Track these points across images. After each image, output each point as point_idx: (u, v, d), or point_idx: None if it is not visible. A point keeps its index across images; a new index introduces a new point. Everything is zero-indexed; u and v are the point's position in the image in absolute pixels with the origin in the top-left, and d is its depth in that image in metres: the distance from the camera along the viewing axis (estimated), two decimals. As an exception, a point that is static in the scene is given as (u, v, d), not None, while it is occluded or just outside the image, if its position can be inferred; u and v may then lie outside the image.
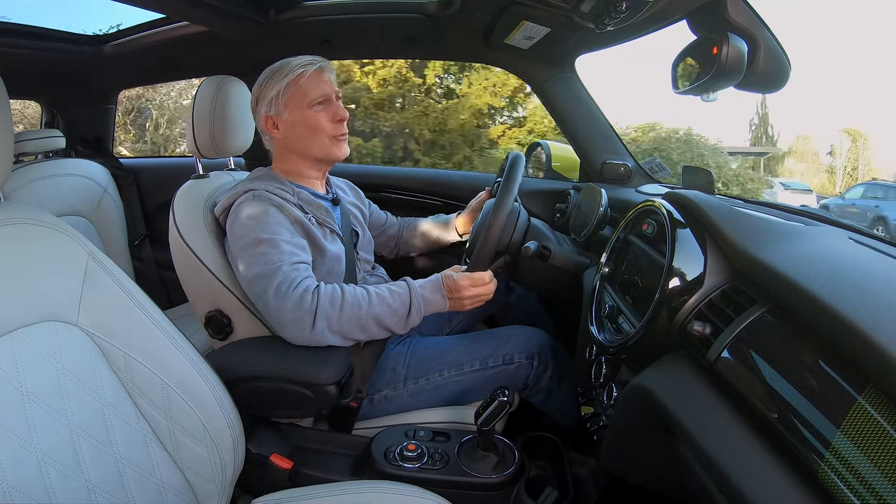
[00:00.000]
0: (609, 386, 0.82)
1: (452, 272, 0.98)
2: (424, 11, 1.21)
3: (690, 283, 0.67)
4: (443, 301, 0.94)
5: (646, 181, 1.44)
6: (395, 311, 0.90)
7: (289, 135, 1.02)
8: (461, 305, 0.95)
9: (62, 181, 1.55)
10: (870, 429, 0.40)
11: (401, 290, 0.92)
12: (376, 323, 0.89)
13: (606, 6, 0.87)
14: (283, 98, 0.99)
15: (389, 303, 0.90)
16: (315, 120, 1.00)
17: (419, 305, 0.91)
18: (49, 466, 0.56)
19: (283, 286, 0.85)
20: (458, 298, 0.94)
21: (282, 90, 0.99)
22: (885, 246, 0.64)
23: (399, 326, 0.91)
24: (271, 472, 0.86)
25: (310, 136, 1.01)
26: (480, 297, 0.96)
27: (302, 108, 1.00)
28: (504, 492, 0.85)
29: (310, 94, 0.99)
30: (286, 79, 0.99)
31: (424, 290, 0.93)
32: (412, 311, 0.91)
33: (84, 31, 1.64)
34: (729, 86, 0.86)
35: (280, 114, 1.00)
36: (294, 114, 1.00)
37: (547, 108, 1.51)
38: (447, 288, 0.94)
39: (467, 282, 0.95)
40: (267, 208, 0.92)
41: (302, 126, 1.00)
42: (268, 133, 1.04)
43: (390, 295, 0.91)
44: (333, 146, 1.03)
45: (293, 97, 0.99)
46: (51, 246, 0.62)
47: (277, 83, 0.99)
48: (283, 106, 1.00)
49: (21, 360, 0.57)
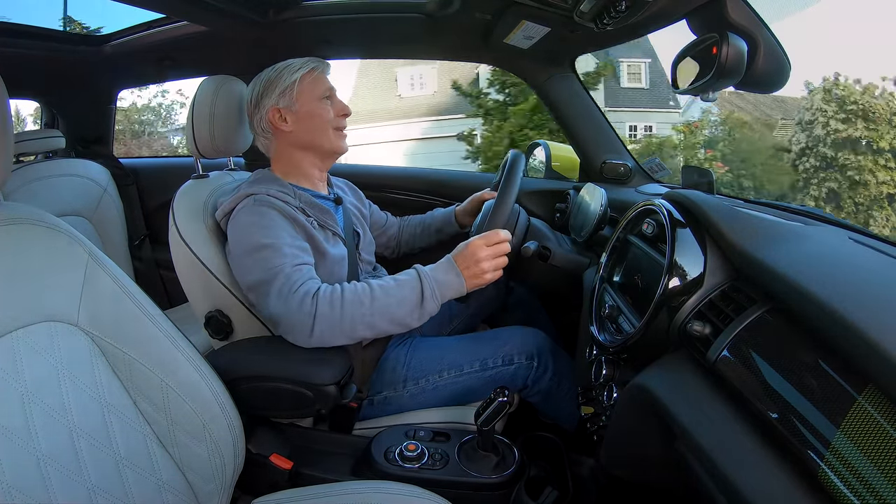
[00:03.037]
0: (609, 386, 0.82)
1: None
2: (424, 11, 1.21)
3: (690, 283, 0.67)
4: (458, 280, 0.86)
5: (646, 181, 1.44)
6: (404, 301, 0.84)
7: (298, 127, 1.02)
8: (481, 276, 0.86)
9: (62, 181, 1.55)
10: (870, 429, 0.40)
11: (409, 277, 0.87)
12: (385, 317, 0.84)
13: (606, 6, 0.87)
14: (297, 89, 1.01)
15: (396, 294, 0.85)
16: (325, 112, 1.03)
17: (432, 290, 0.85)
18: (49, 467, 0.56)
19: (284, 290, 0.84)
20: (476, 265, 0.86)
21: (296, 81, 1.01)
22: (885, 246, 0.64)
23: (414, 317, 0.85)
24: (271, 473, 0.86)
25: (320, 128, 1.03)
26: (499, 258, 0.88)
27: (312, 101, 1.02)
28: (504, 492, 0.85)
29: (320, 88, 1.03)
30: (300, 71, 1.01)
31: (436, 273, 0.86)
32: (426, 298, 0.84)
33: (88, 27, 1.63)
34: (729, 86, 0.86)
35: (291, 106, 1.01)
36: (306, 105, 1.02)
37: (547, 107, 1.51)
38: (460, 263, 0.86)
39: (480, 241, 0.87)
40: (268, 212, 0.92)
41: (313, 118, 1.02)
42: (270, 129, 1.03)
43: (396, 285, 0.86)
44: (339, 138, 1.06)
45: (306, 89, 1.02)
46: (51, 246, 0.62)
47: (291, 75, 1.01)
48: (295, 97, 1.01)
49: (21, 360, 0.57)
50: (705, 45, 0.85)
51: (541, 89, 1.47)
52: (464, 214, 1.31)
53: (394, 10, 1.25)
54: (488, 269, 0.86)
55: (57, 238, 0.63)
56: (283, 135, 1.03)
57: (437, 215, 1.35)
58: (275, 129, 1.03)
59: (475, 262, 0.86)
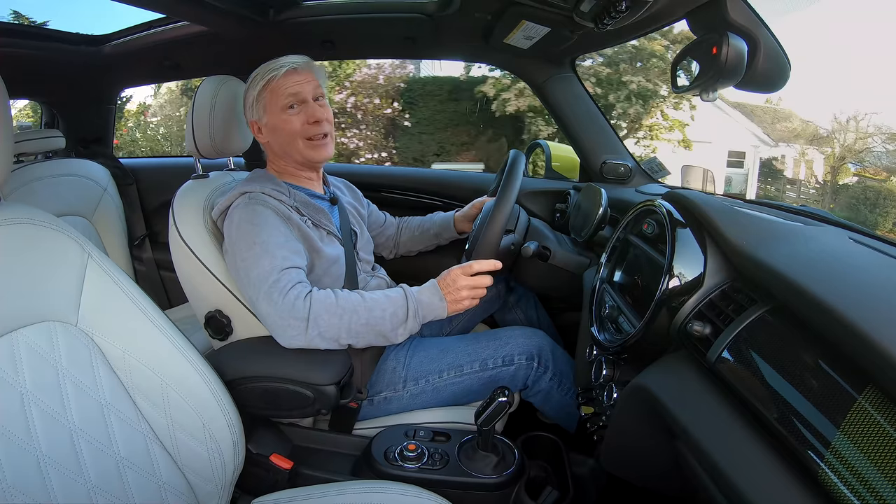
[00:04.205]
0: (609, 386, 0.82)
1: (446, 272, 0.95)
2: (424, 11, 1.21)
3: (690, 283, 0.67)
4: (440, 304, 0.91)
5: (646, 181, 1.44)
6: (390, 317, 0.87)
7: (271, 139, 1.03)
8: (459, 302, 0.91)
9: (62, 181, 1.55)
10: (870, 429, 0.40)
11: (397, 296, 0.90)
12: (370, 329, 0.87)
13: (606, 6, 0.87)
14: (260, 103, 1.00)
15: (385, 308, 0.88)
16: (288, 124, 0.99)
17: (416, 311, 0.89)
18: (49, 467, 0.56)
19: (273, 292, 0.84)
20: (455, 292, 0.91)
21: (256, 95, 1.00)
22: (885, 246, 0.64)
23: (396, 334, 0.88)
24: (271, 472, 0.86)
25: (287, 141, 1.01)
26: (477, 289, 0.92)
27: (276, 113, 0.99)
28: (504, 492, 0.85)
29: (281, 98, 0.98)
30: (260, 83, 0.99)
31: (421, 295, 0.91)
32: (409, 317, 0.88)
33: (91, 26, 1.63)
34: (729, 85, 0.86)
35: (260, 118, 1.02)
36: (271, 118, 1.00)
37: (547, 108, 1.51)
38: (443, 288, 0.92)
39: (458, 271, 0.92)
40: (261, 211, 0.92)
41: (278, 130, 1.00)
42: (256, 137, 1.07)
43: (386, 300, 0.89)
44: (310, 149, 1.01)
45: (268, 101, 1.00)
46: (50, 246, 0.62)
47: (254, 88, 1.00)
48: (262, 110, 1.01)
49: (20, 360, 0.57)
50: (705, 45, 0.85)
51: (541, 89, 1.47)
52: (463, 220, 1.31)
53: (394, 10, 1.25)
54: (465, 297, 0.92)
55: (57, 238, 0.63)
56: (265, 144, 1.06)
57: (436, 220, 1.35)
58: (257, 138, 1.06)
59: (455, 290, 0.91)
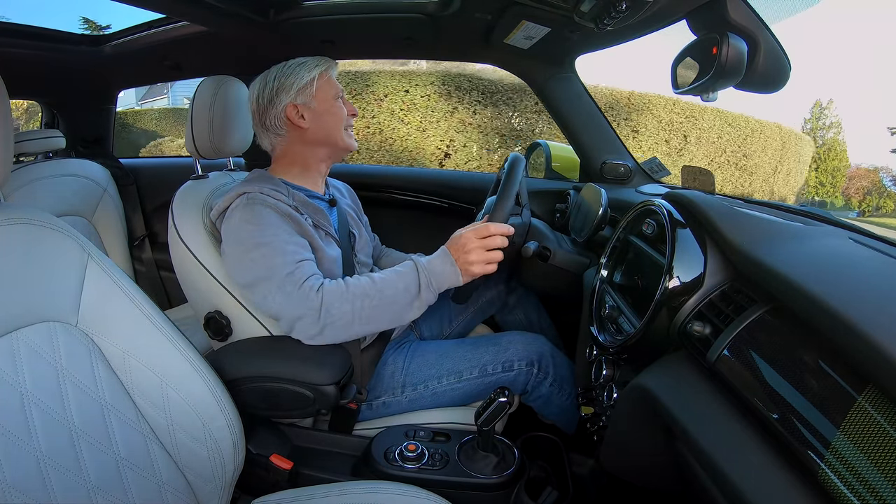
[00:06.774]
0: (609, 386, 0.82)
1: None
2: (424, 11, 1.21)
3: (690, 284, 0.67)
4: (453, 269, 0.87)
5: (646, 181, 1.44)
6: (403, 292, 0.86)
7: (315, 124, 1.03)
8: (470, 267, 0.87)
9: (62, 181, 1.55)
10: (870, 429, 0.40)
11: (406, 269, 0.88)
12: (385, 311, 0.85)
13: (606, 6, 0.87)
14: (314, 87, 1.02)
15: (396, 285, 0.86)
16: (340, 110, 1.05)
17: (428, 282, 0.86)
18: (49, 467, 0.56)
19: (287, 286, 0.84)
20: (465, 256, 0.87)
21: (314, 79, 1.02)
22: (885, 246, 0.64)
23: (413, 309, 0.86)
24: (271, 473, 0.86)
25: (336, 126, 1.04)
26: (491, 252, 0.88)
27: (328, 100, 1.03)
28: (504, 492, 0.85)
29: (333, 88, 1.05)
30: (315, 70, 1.02)
31: (432, 265, 0.88)
32: (422, 289, 0.86)
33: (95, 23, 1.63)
34: (729, 86, 0.86)
35: (309, 103, 1.02)
36: (322, 104, 1.03)
37: (547, 108, 1.51)
38: (453, 253, 0.88)
39: (470, 233, 0.88)
40: (262, 211, 0.91)
41: (330, 116, 1.03)
42: (286, 125, 1.02)
43: (397, 277, 0.87)
44: (350, 137, 1.07)
45: (323, 87, 1.03)
46: (50, 246, 0.62)
47: (306, 72, 1.01)
48: (313, 95, 1.02)
49: (20, 360, 0.57)
50: (705, 46, 0.85)
51: (541, 89, 1.47)
52: None
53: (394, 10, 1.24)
54: (475, 261, 0.87)
55: (57, 238, 0.63)
56: (297, 131, 1.03)
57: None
58: (290, 126, 1.02)
59: (464, 253, 0.87)
